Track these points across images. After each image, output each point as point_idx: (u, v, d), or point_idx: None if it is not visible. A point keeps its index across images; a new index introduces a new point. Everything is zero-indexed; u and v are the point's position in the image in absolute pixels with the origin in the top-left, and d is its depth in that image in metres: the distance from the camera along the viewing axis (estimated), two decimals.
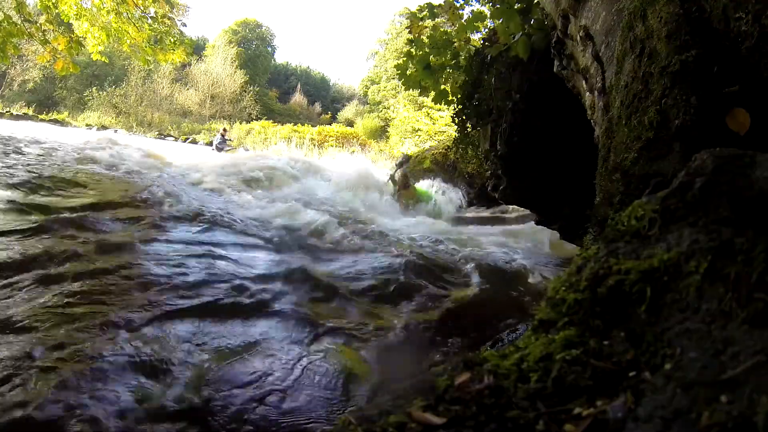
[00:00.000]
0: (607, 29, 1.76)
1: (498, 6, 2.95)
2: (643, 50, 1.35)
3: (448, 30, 3.81)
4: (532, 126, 3.36)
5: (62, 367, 1.41)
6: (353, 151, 18.45)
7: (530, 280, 3.25)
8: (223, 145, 13.38)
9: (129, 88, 25.55)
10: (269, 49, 37.24)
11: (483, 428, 0.44)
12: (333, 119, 32.23)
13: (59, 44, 6.76)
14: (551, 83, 2.91)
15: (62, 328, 1.64)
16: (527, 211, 4.86)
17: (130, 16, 7.37)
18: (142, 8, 7.53)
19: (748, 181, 0.58)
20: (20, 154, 5.47)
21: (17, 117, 16.00)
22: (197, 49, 22.38)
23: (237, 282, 2.33)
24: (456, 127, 4.48)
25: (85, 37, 7.18)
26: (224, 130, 15.06)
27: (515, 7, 2.90)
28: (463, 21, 3.58)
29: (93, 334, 1.64)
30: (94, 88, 25.24)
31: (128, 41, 7.54)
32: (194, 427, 1.28)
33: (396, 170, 8.42)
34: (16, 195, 3.41)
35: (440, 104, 4.18)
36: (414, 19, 3.80)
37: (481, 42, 4.03)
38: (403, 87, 4.26)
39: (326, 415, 1.42)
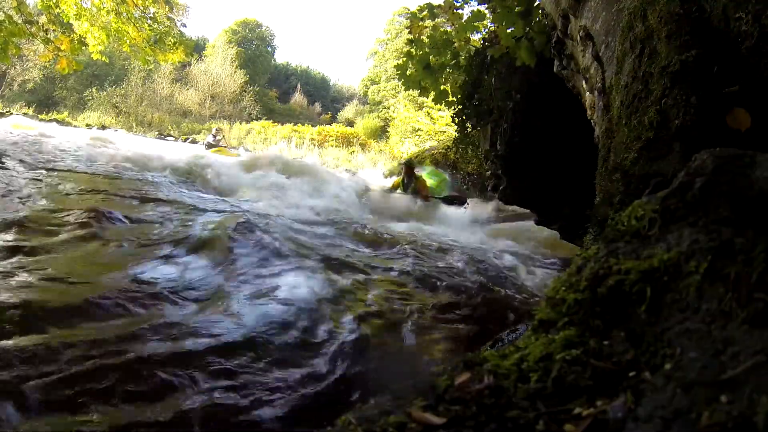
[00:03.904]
0: (607, 29, 1.76)
1: (498, 10, 2.95)
2: (643, 50, 1.35)
3: (448, 30, 3.81)
4: (533, 126, 3.37)
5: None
6: (353, 151, 18.45)
7: (530, 280, 3.25)
8: (214, 143, 14.13)
9: (129, 88, 25.53)
10: (269, 49, 37.24)
11: (483, 428, 0.44)
12: (333, 119, 32.22)
13: (62, 44, 6.77)
14: (551, 83, 2.91)
15: None
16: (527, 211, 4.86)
17: (129, 16, 7.37)
18: (141, 8, 7.53)
19: (748, 181, 0.58)
20: None
21: (32, 117, 16.02)
22: (197, 49, 22.38)
23: None
24: (456, 127, 4.48)
25: (86, 37, 7.19)
26: (216, 130, 15.95)
27: (516, 10, 2.90)
28: (463, 21, 3.58)
29: None
30: (94, 88, 25.21)
31: (128, 41, 7.54)
32: None
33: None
34: None
35: (440, 104, 4.18)
36: (414, 19, 3.80)
37: (481, 42, 4.03)
38: (403, 87, 4.26)
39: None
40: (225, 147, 13.99)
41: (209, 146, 13.78)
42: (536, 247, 4.39)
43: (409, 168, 7.31)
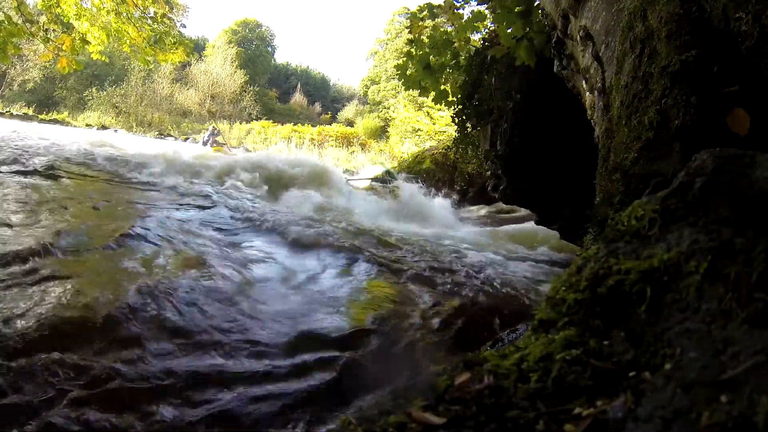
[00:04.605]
0: (607, 29, 1.76)
1: (498, 11, 2.95)
2: (643, 50, 1.35)
3: (448, 30, 3.81)
4: (533, 126, 3.37)
5: None
6: (353, 151, 18.44)
7: (530, 279, 3.25)
8: (209, 140, 13.99)
9: (129, 88, 25.54)
10: (269, 49, 37.26)
11: (483, 428, 0.44)
12: (333, 119, 32.23)
13: (63, 43, 6.78)
14: (551, 83, 2.91)
15: None
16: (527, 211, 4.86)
17: (129, 16, 7.37)
18: (141, 8, 7.53)
19: (748, 181, 0.58)
20: None
21: (16, 117, 16.00)
22: (197, 49, 22.38)
23: None
24: (456, 127, 4.48)
25: (86, 36, 7.19)
26: (213, 127, 15.96)
27: (516, 10, 2.90)
28: (463, 21, 3.58)
29: None
30: (94, 88, 25.22)
31: (128, 41, 7.54)
32: None
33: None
34: None
35: (440, 104, 4.18)
36: (414, 19, 3.80)
37: (482, 42, 4.03)
38: (403, 87, 4.26)
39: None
40: (224, 145, 13.77)
41: (208, 144, 13.59)
42: (536, 247, 4.39)
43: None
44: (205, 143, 13.87)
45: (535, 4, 2.93)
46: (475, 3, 3.60)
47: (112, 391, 1.33)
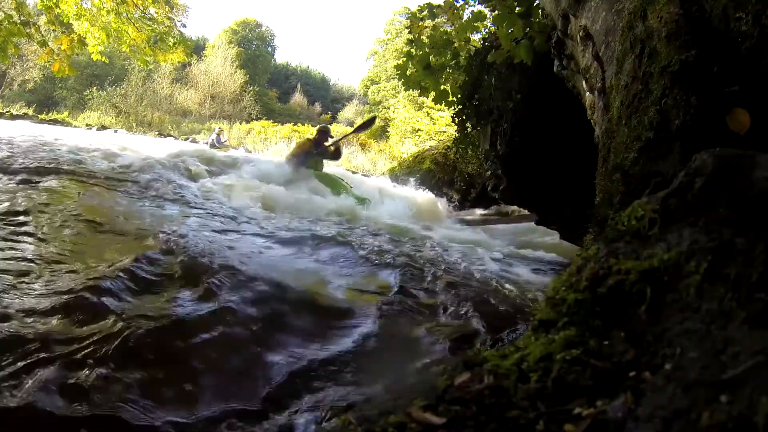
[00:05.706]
0: (607, 29, 1.76)
1: (499, 11, 2.95)
2: (643, 50, 1.35)
3: (448, 30, 3.81)
4: (533, 126, 3.37)
5: None
6: (352, 151, 18.41)
7: (530, 280, 3.25)
8: (218, 143, 14.15)
9: (129, 88, 25.54)
10: (269, 49, 37.30)
11: (483, 428, 0.44)
12: (333, 119, 32.23)
13: (62, 44, 6.78)
14: (551, 83, 2.91)
15: None
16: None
17: (129, 16, 7.38)
18: (141, 8, 7.53)
19: (748, 181, 0.58)
20: None
21: (16, 117, 15.98)
22: (197, 49, 22.38)
23: None
24: (456, 127, 4.48)
25: (85, 37, 7.20)
26: (220, 129, 16.31)
27: (516, 11, 2.90)
28: (463, 21, 3.58)
29: None
30: (94, 88, 25.23)
31: (128, 41, 7.54)
32: None
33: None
34: None
35: (440, 104, 4.18)
36: (414, 19, 3.81)
37: (482, 42, 4.03)
38: (403, 87, 4.27)
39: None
40: (230, 146, 13.91)
41: (213, 146, 13.66)
42: (536, 247, 4.39)
43: (323, 133, 7.24)
44: (213, 145, 14.00)
45: (535, 4, 2.93)
46: (475, 3, 3.60)
47: None
